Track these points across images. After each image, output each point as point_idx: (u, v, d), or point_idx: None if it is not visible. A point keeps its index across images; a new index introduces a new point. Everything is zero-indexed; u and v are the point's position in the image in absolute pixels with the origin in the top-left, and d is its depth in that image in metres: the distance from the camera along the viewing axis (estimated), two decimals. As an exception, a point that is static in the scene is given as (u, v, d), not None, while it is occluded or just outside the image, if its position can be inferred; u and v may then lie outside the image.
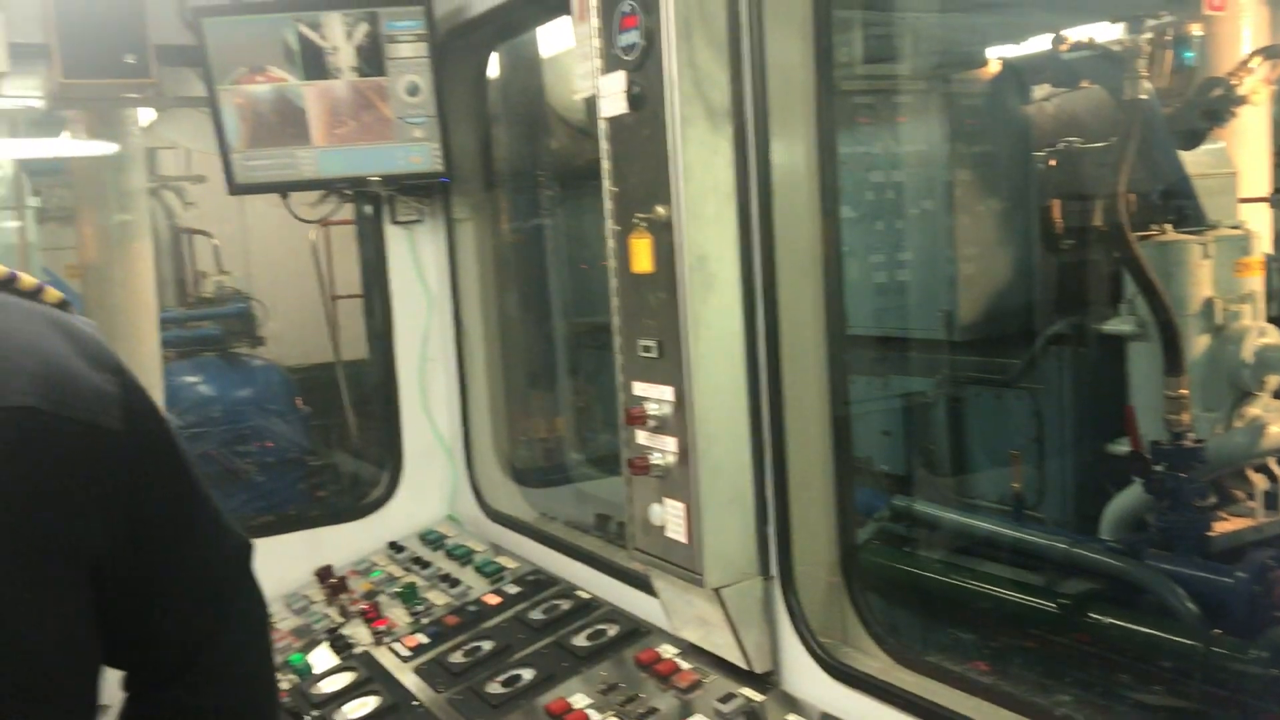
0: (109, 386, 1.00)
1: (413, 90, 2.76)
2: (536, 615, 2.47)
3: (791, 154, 1.96)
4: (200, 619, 1.14)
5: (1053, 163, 3.76)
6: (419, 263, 3.23)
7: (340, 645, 2.61)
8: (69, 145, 4.40)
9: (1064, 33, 3.53)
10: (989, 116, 3.90)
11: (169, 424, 1.08)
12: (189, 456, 1.11)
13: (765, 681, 1.99)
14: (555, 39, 3.55)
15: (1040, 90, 3.94)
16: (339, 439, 6.36)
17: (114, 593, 1.01)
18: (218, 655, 1.15)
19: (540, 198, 3.85)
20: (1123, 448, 3.51)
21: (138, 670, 1.14)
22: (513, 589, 2.64)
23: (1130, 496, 3.45)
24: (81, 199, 4.38)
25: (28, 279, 1.03)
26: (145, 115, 4.30)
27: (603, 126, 2.03)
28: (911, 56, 3.64)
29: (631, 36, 1.91)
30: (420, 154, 2.82)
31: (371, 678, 2.41)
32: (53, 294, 1.05)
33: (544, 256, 3.96)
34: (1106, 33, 3.64)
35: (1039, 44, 3.91)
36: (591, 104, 2.15)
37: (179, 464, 1.09)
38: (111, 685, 1.10)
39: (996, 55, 3.93)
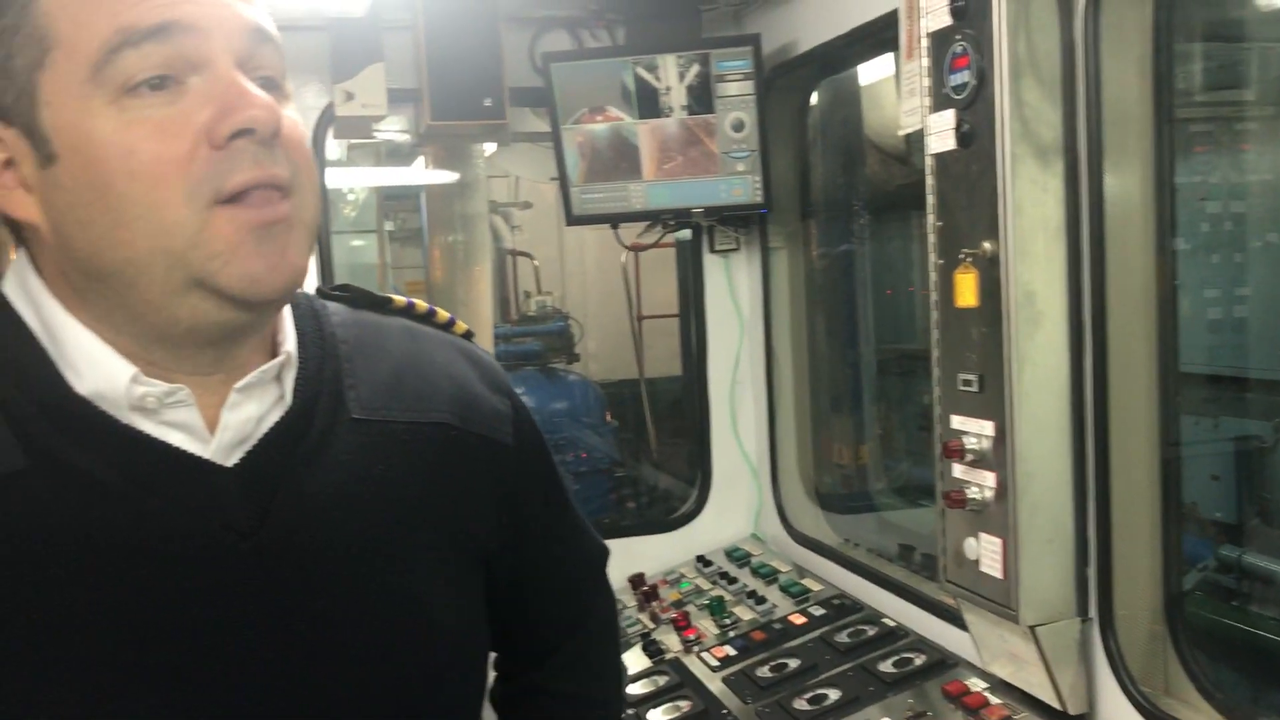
0: (503, 407, 1.17)
1: (738, 126, 2.89)
2: (842, 638, 2.52)
3: (1125, 188, 1.93)
4: (563, 612, 1.29)
5: None
6: (733, 289, 3.37)
7: (652, 650, 2.76)
8: (424, 174, 4.87)
9: None
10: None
11: (546, 441, 1.24)
12: (560, 469, 1.26)
13: (1079, 724, 1.96)
14: (872, 68, 3.60)
15: None
16: (644, 452, 6.64)
17: (496, 585, 1.17)
18: (575, 646, 1.30)
19: (851, 225, 3.90)
20: None
21: (507, 654, 1.30)
22: (817, 610, 2.70)
23: None
24: (432, 223, 4.84)
25: (442, 313, 1.22)
26: (488, 147, 4.71)
27: (929, 162, 2.07)
28: (1259, 81, 3.42)
29: (963, 76, 1.95)
30: (741, 186, 2.95)
31: (683, 683, 2.54)
32: (460, 326, 1.23)
33: (852, 283, 4.00)
34: None
35: None
36: (913, 138, 2.19)
37: (554, 476, 1.25)
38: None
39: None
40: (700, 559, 3.25)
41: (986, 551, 1.98)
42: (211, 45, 0.90)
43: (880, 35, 2.60)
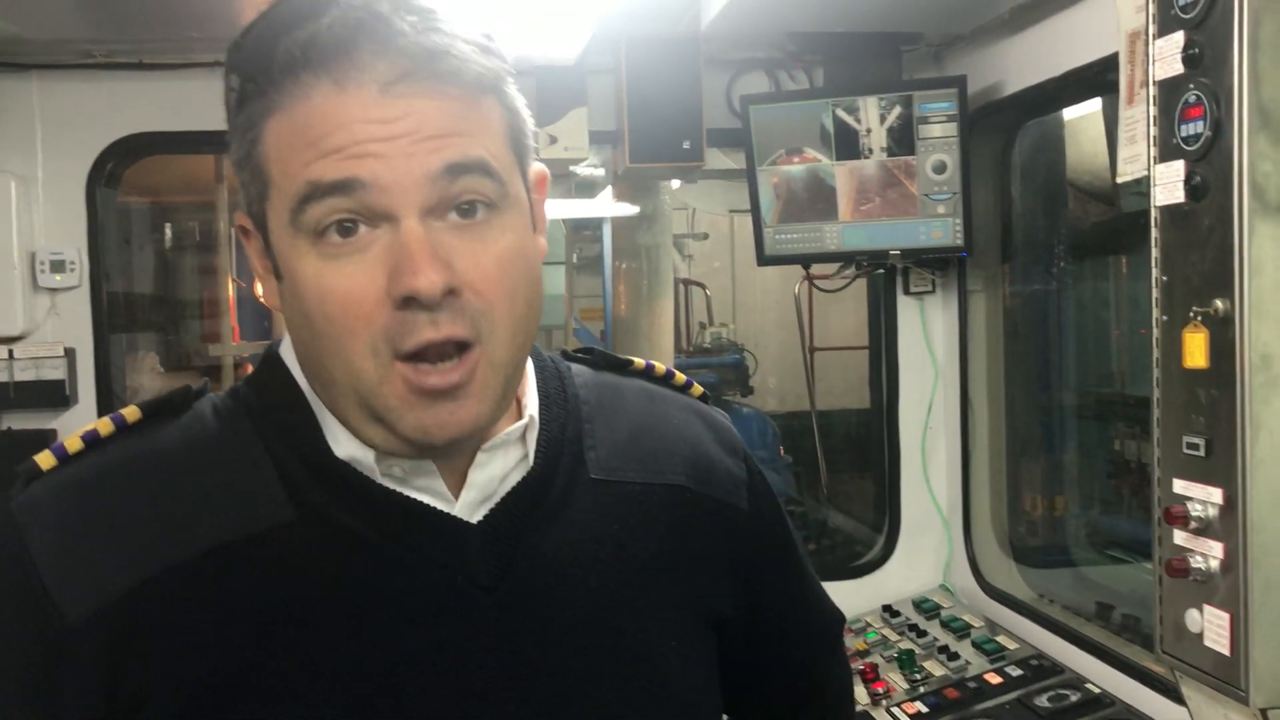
0: (738, 471, 1.17)
1: (939, 168, 2.84)
2: (1042, 702, 2.42)
3: (1376, 246, 1.81)
4: (798, 682, 1.28)
5: None
6: (928, 332, 3.30)
7: (839, 700, 2.71)
8: (610, 206, 4.95)
9: None
10: None
11: (781, 505, 1.23)
12: (796, 534, 1.25)
13: (1314, 818, 1.83)
14: (1074, 107, 3.48)
15: None
16: (816, 489, 6.54)
17: (730, 652, 1.16)
18: (810, 717, 1.28)
19: (1051, 268, 3.78)
20: None
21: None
22: (1014, 670, 2.61)
23: None
24: (618, 254, 4.90)
25: (680, 375, 1.23)
26: (674, 181, 4.76)
27: (1154, 215, 1.99)
28: None
29: (1195, 127, 1.86)
30: (941, 229, 2.90)
31: (873, 738, 2.49)
32: (696, 388, 1.24)
33: (1049, 327, 3.87)
34: None
35: None
36: (1128, 185, 2.10)
37: (790, 542, 1.24)
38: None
39: None
40: (886, 608, 3.18)
41: (1211, 625, 1.88)
42: (393, 200, 0.89)
43: (1094, 79, 2.52)
